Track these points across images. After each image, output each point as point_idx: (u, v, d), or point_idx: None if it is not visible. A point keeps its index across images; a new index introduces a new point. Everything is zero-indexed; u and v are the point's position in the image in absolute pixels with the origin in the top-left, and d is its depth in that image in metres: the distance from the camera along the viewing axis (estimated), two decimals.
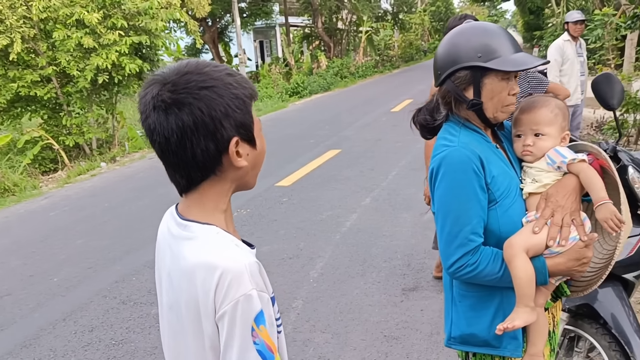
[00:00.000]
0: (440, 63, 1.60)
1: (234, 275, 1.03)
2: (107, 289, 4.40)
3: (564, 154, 1.58)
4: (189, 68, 1.08)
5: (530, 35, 31.48)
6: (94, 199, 7.35)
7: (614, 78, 2.13)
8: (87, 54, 9.47)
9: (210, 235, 1.11)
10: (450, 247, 1.53)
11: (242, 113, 1.09)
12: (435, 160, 1.57)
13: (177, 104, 1.04)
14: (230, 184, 1.15)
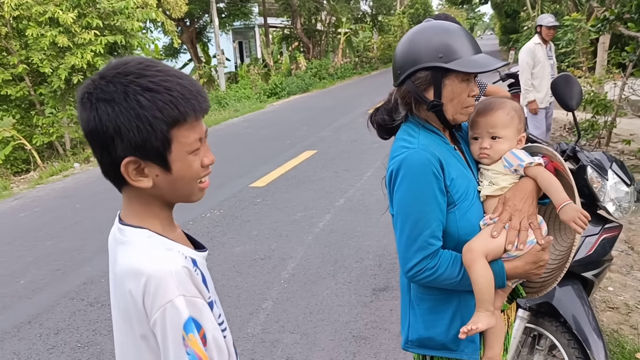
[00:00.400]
0: (399, 62, 1.57)
1: (158, 281, 1.00)
2: (74, 291, 4.33)
3: (521, 157, 1.59)
4: (117, 65, 1.04)
5: (507, 38, 31.88)
6: (66, 200, 7.24)
7: (573, 79, 2.16)
8: (62, 53, 9.34)
9: (141, 239, 1.09)
10: (409, 250, 1.51)
11: (144, 135, 1.01)
12: (394, 162, 1.54)
13: (88, 103, 1.03)
14: (148, 197, 1.10)
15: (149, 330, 1.03)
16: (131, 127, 1.00)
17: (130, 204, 1.13)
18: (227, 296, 4.07)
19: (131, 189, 1.10)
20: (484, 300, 1.49)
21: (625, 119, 8.21)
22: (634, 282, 3.91)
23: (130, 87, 1.00)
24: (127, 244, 1.10)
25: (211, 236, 5.36)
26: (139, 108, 0.99)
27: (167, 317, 1.00)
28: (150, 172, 1.06)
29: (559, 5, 18.37)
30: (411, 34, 1.59)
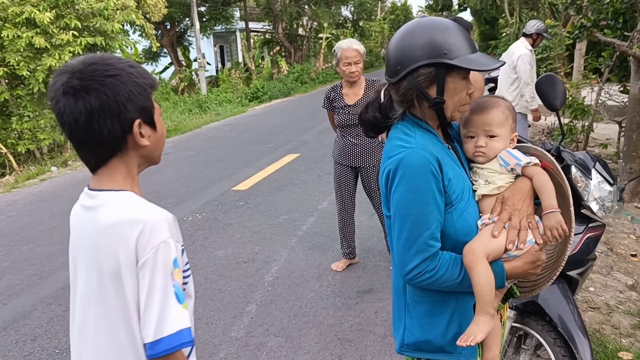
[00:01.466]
0: (399, 58, 1.50)
1: (154, 225, 1.21)
2: (52, 296, 4.23)
3: (518, 157, 1.58)
4: (94, 59, 1.23)
5: (486, 45, 32.27)
6: (43, 203, 7.10)
7: (557, 79, 2.18)
8: (39, 54, 9.17)
9: (126, 198, 1.27)
10: (408, 252, 1.46)
11: (143, 99, 1.26)
12: (391, 161, 1.49)
13: (85, 89, 1.19)
14: (136, 160, 1.32)
15: (133, 274, 1.20)
16: (137, 92, 1.24)
17: (111, 174, 1.29)
18: (210, 300, 4.02)
19: (119, 159, 1.28)
20: (485, 302, 1.46)
21: (601, 123, 8.34)
22: (614, 283, 3.95)
23: (119, 64, 1.24)
24: (106, 205, 1.26)
25: (193, 239, 5.29)
26: (134, 77, 1.24)
27: (159, 254, 1.19)
28: (146, 132, 1.29)
29: (536, 12, 18.66)
30: (410, 29, 1.53)
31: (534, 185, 1.56)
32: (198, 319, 3.75)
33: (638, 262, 4.36)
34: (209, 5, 23.65)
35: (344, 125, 4.15)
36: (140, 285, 1.19)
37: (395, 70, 1.51)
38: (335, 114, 4.21)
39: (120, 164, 1.29)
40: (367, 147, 4.16)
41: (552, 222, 1.51)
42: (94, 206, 1.27)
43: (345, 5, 30.76)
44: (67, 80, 1.20)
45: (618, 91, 6.99)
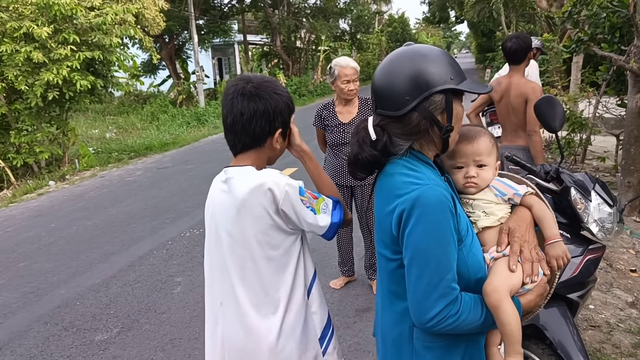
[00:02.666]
0: (406, 88, 1.40)
1: (273, 180, 1.64)
2: (48, 315, 4.20)
3: (514, 187, 1.57)
4: (268, 79, 1.75)
5: (483, 57, 32.42)
6: (40, 219, 7.07)
7: (556, 101, 2.17)
8: (37, 69, 9.17)
9: (249, 170, 1.70)
10: (429, 299, 1.34)
11: (287, 117, 1.75)
12: (405, 200, 1.36)
13: (258, 96, 1.68)
14: (264, 156, 1.78)
15: (278, 212, 1.66)
16: (286, 112, 1.74)
17: (248, 158, 1.74)
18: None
19: (257, 151, 1.75)
20: (516, 342, 1.40)
21: (599, 136, 8.36)
22: (614, 300, 3.93)
23: (283, 89, 1.74)
24: (236, 177, 1.71)
25: (191, 256, 5.26)
26: (287, 100, 1.74)
27: (289, 193, 1.65)
28: (279, 140, 1.76)
29: (533, 25, 18.79)
30: (410, 57, 1.44)
31: (533, 215, 1.54)
32: (195, 338, 3.72)
33: (638, 277, 4.34)
34: (207, 18, 23.77)
35: (339, 143, 4.09)
36: (290, 215, 1.67)
37: (403, 102, 1.41)
38: (327, 132, 4.15)
39: (254, 155, 1.75)
40: None
41: (558, 251, 1.50)
42: (229, 178, 1.73)
43: (343, 18, 30.90)
44: (244, 86, 1.69)
45: (615, 104, 7.01)
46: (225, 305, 1.76)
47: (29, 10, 9.16)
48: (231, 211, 1.69)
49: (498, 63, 23.17)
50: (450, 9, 43.34)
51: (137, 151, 12.15)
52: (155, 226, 6.32)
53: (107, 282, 4.77)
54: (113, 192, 8.37)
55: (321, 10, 27.75)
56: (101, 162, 11.03)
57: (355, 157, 1.49)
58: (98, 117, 18.77)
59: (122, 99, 22.25)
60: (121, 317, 4.09)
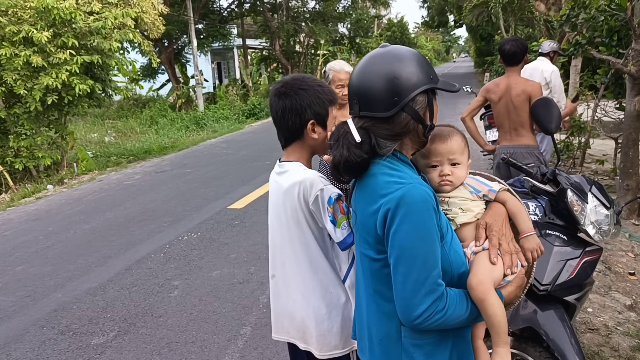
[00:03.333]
0: (395, 88, 1.42)
1: (312, 180, 1.85)
2: (44, 319, 4.18)
3: (488, 184, 1.63)
4: (297, 77, 1.96)
5: (482, 61, 32.47)
6: (38, 222, 7.05)
7: (552, 103, 2.17)
8: (36, 73, 9.18)
9: (296, 166, 1.93)
10: (417, 296, 1.36)
11: (319, 107, 1.90)
12: (390, 200, 1.38)
13: (285, 94, 1.90)
14: (308, 147, 1.96)
15: (308, 210, 1.87)
16: (315, 102, 1.89)
17: (294, 151, 1.96)
18: (204, 322, 3.96)
19: (299, 143, 1.95)
20: (503, 332, 1.45)
21: (598, 139, 8.36)
22: (612, 303, 3.91)
23: (311, 82, 1.93)
24: (288, 171, 1.94)
25: (188, 260, 5.25)
26: (318, 93, 1.91)
27: (318, 198, 1.83)
28: (317, 130, 1.92)
29: (532, 29, 18.82)
30: (393, 58, 1.46)
31: (508, 210, 1.60)
32: (192, 342, 3.70)
33: (636, 280, 4.33)
34: (207, 22, 23.81)
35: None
36: (316, 215, 1.87)
37: (391, 102, 1.43)
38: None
39: (297, 146, 1.96)
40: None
41: (533, 244, 1.57)
42: (280, 173, 1.97)
43: (342, 23, 30.97)
44: (279, 87, 1.93)
45: (614, 108, 7.01)
46: (276, 278, 2.08)
47: (28, 14, 9.17)
48: (280, 198, 1.96)
49: (497, 67, 23.22)
50: (449, 13, 43.45)
51: (136, 155, 12.14)
52: (153, 230, 6.31)
53: (104, 285, 4.75)
54: (111, 196, 8.35)
55: (320, 14, 27.80)
56: (100, 166, 11.02)
57: (344, 161, 1.46)
58: (97, 121, 18.78)
59: (121, 103, 22.27)
60: (118, 321, 4.08)
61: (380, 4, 36.18)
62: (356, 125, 1.48)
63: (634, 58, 5.25)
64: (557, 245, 2.26)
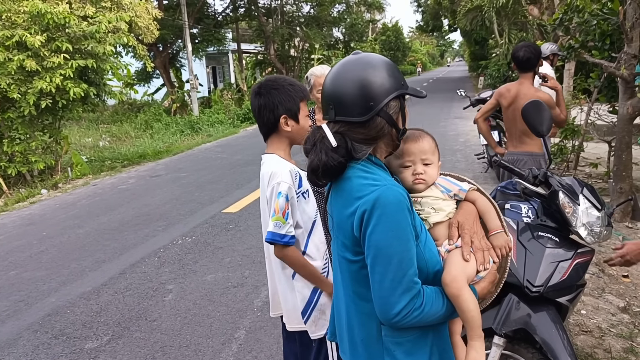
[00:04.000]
0: (371, 93, 1.46)
1: (274, 173, 2.14)
2: (38, 323, 4.16)
3: (458, 184, 1.69)
4: (270, 78, 2.23)
5: (476, 65, 32.58)
6: (32, 227, 7.02)
7: (543, 105, 2.18)
8: (30, 77, 9.16)
9: (270, 158, 2.22)
10: (394, 294, 1.40)
11: (291, 103, 2.17)
12: (365, 202, 1.42)
13: (260, 94, 2.19)
14: (284, 138, 2.25)
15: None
16: (286, 99, 2.17)
17: (272, 144, 2.26)
18: (198, 326, 3.96)
19: (275, 136, 2.24)
20: (477, 326, 1.50)
21: (591, 143, 8.40)
22: (605, 305, 3.93)
23: (281, 82, 2.21)
24: (265, 162, 2.23)
25: (182, 264, 5.24)
26: (288, 91, 2.17)
27: (273, 190, 2.12)
28: (290, 123, 2.19)
29: (525, 33, 18.92)
30: (366, 64, 1.50)
31: (477, 208, 1.66)
32: (186, 345, 3.69)
33: (630, 283, 4.35)
34: (201, 27, 23.81)
35: None
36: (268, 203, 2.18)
37: (367, 107, 1.46)
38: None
39: (275, 139, 2.25)
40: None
41: (501, 241, 1.64)
42: (262, 163, 2.25)
43: (337, 27, 31.04)
44: (256, 87, 2.21)
45: (607, 111, 7.05)
46: (268, 259, 2.38)
47: (22, 19, 9.15)
48: (260, 185, 2.26)
49: (491, 71, 23.31)
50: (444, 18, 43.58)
51: (131, 159, 12.12)
52: (147, 234, 6.30)
53: (98, 289, 4.74)
54: (105, 200, 8.33)
55: (315, 18, 27.87)
56: (94, 170, 10.99)
57: (322, 165, 1.48)
58: (91, 125, 18.72)
59: (115, 108, 22.22)
60: (112, 325, 4.06)
61: (375, 8, 36.29)
62: (332, 130, 1.51)
63: (627, 62, 5.29)
64: (549, 247, 2.27)
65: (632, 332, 3.53)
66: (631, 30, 5.07)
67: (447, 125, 14.22)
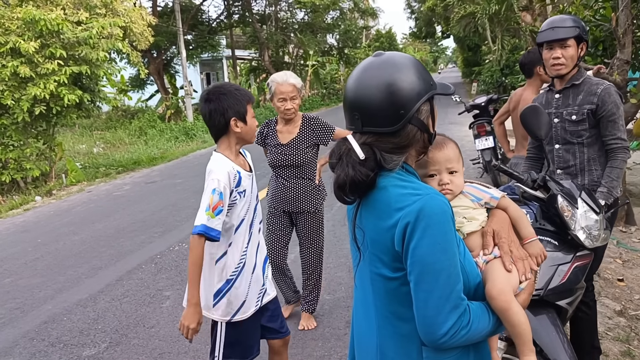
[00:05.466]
0: (401, 100, 1.34)
1: (214, 171, 2.35)
2: (35, 331, 4.14)
3: (489, 191, 1.61)
4: (218, 84, 2.46)
5: (470, 71, 32.73)
6: (26, 234, 6.99)
7: (541, 110, 2.21)
8: (24, 84, 9.13)
9: (215, 156, 2.44)
10: (441, 313, 1.28)
11: (239, 106, 2.38)
12: (408, 213, 1.29)
13: (209, 100, 2.38)
14: (234, 139, 2.46)
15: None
16: (234, 103, 2.37)
17: (220, 144, 2.47)
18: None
19: (225, 137, 2.44)
20: (529, 340, 1.42)
21: None
22: (602, 309, 3.95)
23: (229, 87, 2.43)
24: (211, 159, 2.43)
25: (180, 269, 5.23)
26: (236, 95, 2.39)
27: (209, 186, 2.32)
28: (240, 125, 2.41)
29: (518, 39, 19.04)
30: (392, 67, 1.37)
31: (510, 216, 1.58)
32: (184, 352, 3.68)
33: (625, 286, 4.38)
34: (196, 33, 23.84)
35: (277, 165, 3.70)
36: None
37: (397, 116, 1.34)
38: (267, 152, 3.76)
39: (225, 139, 2.45)
40: (302, 190, 3.73)
41: (537, 249, 1.55)
42: (210, 160, 2.43)
43: (331, 33, 31.15)
44: (204, 94, 2.41)
45: None
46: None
47: (15, 25, 9.14)
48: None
49: (484, 77, 23.40)
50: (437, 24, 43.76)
51: (125, 166, 12.09)
52: (143, 240, 6.28)
53: (94, 297, 4.72)
54: (100, 207, 8.30)
55: (309, 25, 27.97)
56: (88, 177, 10.96)
57: (350, 180, 1.36)
58: (85, 132, 18.68)
59: (110, 114, 22.18)
60: (109, 332, 4.05)
61: (369, 15, 36.45)
62: (358, 141, 1.39)
63: (619, 67, 5.33)
64: (548, 251, 2.29)
65: (629, 336, 3.55)
66: (623, 37, 5.12)
67: (442, 130, 13.95)
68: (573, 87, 2.87)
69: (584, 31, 2.80)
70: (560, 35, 2.75)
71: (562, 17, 2.82)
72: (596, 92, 2.78)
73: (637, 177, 7.63)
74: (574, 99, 2.87)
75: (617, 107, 2.76)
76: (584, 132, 2.84)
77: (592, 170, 2.87)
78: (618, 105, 2.77)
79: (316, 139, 3.68)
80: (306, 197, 3.74)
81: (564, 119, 2.88)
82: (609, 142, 2.79)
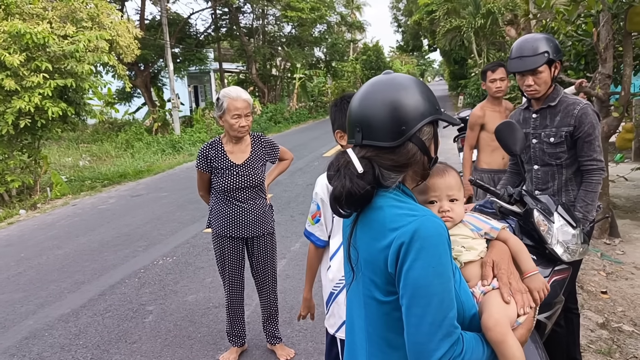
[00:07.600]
0: (404, 116, 1.34)
1: (316, 182, 2.52)
2: (15, 347, 4.08)
3: (489, 222, 1.59)
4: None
5: (456, 84, 33.05)
6: (9, 248, 6.90)
7: (515, 126, 2.24)
8: (9, 97, 9.07)
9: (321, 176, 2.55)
10: (433, 340, 1.23)
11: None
12: (402, 233, 1.27)
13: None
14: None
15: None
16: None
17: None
18: (179, 347, 3.91)
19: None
20: None
21: None
22: (585, 322, 3.97)
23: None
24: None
25: (163, 284, 5.19)
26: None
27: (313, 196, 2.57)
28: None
29: (503, 53, 19.29)
30: (400, 85, 1.38)
31: (510, 248, 1.57)
32: None
33: (608, 299, 4.41)
34: (183, 46, 23.86)
35: (232, 188, 3.42)
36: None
37: (398, 132, 1.34)
38: (215, 176, 3.44)
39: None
40: (259, 212, 3.51)
41: (538, 283, 1.54)
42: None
43: (318, 47, 31.35)
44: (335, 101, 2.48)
45: None
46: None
47: (1, 39, 9.09)
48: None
49: (470, 90, 23.66)
50: (423, 38, 44.27)
51: (111, 179, 12.01)
52: (127, 254, 6.23)
53: (76, 312, 4.66)
54: (85, 221, 8.23)
55: (296, 38, 28.13)
56: (74, 190, 10.87)
57: (346, 192, 1.34)
58: (71, 145, 18.55)
59: (96, 127, 22.05)
60: (90, 348, 4.00)
61: (356, 28, 36.78)
62: (357, 155, 1.37)
63: (601, 81, 5.42)
64: None
65: (610, 348, 3.57)
66: (605, 51, 5.21)
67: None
68: (550, 108, 2.90)
69: (556, 51, 2.79)
70: (528, 67, 2.76)
71: (532, 43, 2.79)
72: (573, 113, 2.81)
73: (621, 189, 7.73)
74: (551, 120, 2.90)
75: (593, 127, 2.79)
76: (563, 154, 2.88)
77: (569, 191, 2.92)
78: (595, 125, 2.80)
79: (267, 157, 3.57)
80: (264, 218, 3.54)
81: (542, 140, 2.91)
82: (585, 163, 2.83)
